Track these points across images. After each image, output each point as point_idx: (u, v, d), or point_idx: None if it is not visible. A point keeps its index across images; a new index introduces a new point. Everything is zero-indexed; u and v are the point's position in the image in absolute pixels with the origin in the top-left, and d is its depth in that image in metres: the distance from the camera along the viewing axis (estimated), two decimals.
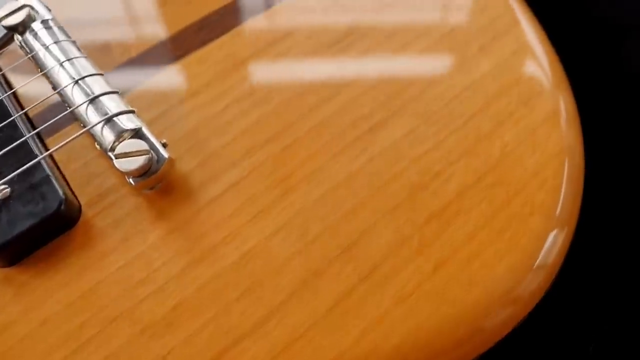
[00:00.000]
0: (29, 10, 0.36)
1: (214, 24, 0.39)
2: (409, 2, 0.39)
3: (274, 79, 0.36)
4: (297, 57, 0.37)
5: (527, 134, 0.34)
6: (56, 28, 0.36)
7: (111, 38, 0.39)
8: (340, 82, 0.36)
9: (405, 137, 0.34)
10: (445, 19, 0.39)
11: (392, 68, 0.36)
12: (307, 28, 0.38)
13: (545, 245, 0.31)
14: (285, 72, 0.36)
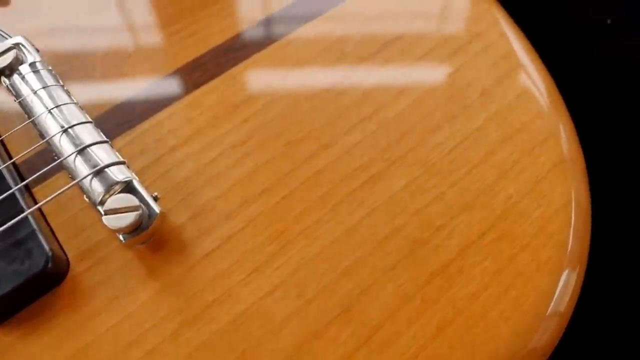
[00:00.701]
0: (17, 53, 0.35)
1: (208, 64, 0.38)
2: (404, 44, 0.38)
3: (269, 125, 0.35)
4: (292, 103, 0.36)
5: (532, 185, 0.33)
6: (45, 71, 0.35)
7: (101, 78, 0.38)
8: (337, 129, 0.35)
9: (406, 189, 0.33)
10: (444, 61, 0.38)
11: (390, 114, 0.36)
12: (302, 71, 0.37)
13: (552, 303, 0.30)
14: (281, 119, 0.35)
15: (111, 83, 0.37)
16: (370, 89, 0.37)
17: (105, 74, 0.38)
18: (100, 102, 0.37)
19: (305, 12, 0.40)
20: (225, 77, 0.37)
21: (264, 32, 0.39)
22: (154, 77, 0.38)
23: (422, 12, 0.40)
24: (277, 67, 0.37)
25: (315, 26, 0.39)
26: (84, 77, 0.38)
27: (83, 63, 0.38)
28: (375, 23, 0.39)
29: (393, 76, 0.37)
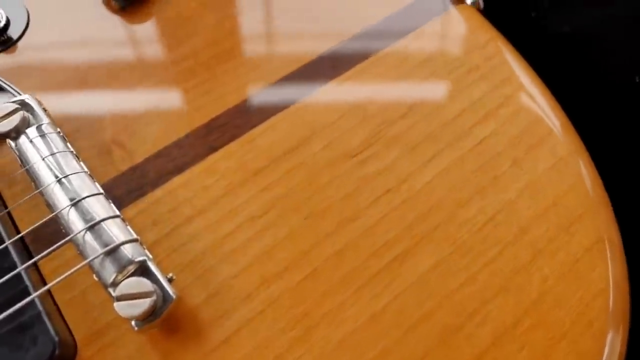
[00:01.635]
0: (24, 114, 0.34)
1: (225, 126, 0.36)
2: (429, 109, 0.37)
3: (289, 195, 0.34)
4: (313, 171, 0.34)
5: (569, 266, 0.32)
6: (54, 135, 0.33)
7: (112, 139, 0.36)
8: (361, 201, 0.33)
9: (434, 270, 0.32)
10: (473, 127, 0.36)
11: (416, 186, 0.34)
12: (323, 136, 0.36)
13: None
14: (302, 188, 0.34)
15: (122, 145, 0.36)
16: (395, 157, 0.35)
17: (115, 134, 0.36)
18: (111, 165, 0.35)
19: (327, 70, 0.38)
20: (243, 140, 0.36)
21: (283, 91, 0.37)
22: (167, 140, 0.36)
23: (447, 74, 0.38)
24: (298, 131, 0.36)
25: (336, 87, 0.38)
26: (93, 137, 0.36)
27: (92, 122, 0.37)
28: (399, 85, 0.38)
29: (418, 143, 0.36)
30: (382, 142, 0.36)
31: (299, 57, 0.39)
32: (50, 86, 0.38)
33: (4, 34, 0.40)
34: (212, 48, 0.39)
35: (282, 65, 0.38)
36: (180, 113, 0.37)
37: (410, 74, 0.38)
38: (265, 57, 0.39)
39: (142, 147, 0.36)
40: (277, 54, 0.39)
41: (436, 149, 0.36)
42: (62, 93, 0.38)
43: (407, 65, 0.39)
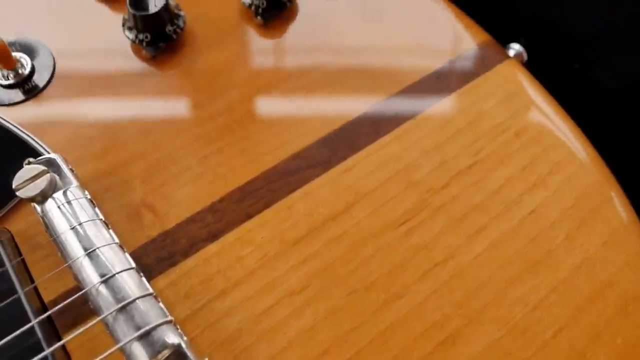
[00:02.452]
0: (50, 177, 0.32)
1: (260, 191, 0.34)
2: (476, 176, 0.35)
3: (330, 269, 0.32)
4: (356, 242, 0.32)
5: (628, 350, 0.30)
6: (83, 200, 0.31)
7: (141, 203, 0.34)
8: (407, 276, 0.32)
9: (486, 354, 0.30)
10: (522, 196, 0.34)
11: (465, 260, 0.32)
12: (367, 203, 0.34)
13: None
14: (344, 261, 0.32)
15: (152, 208, 0.34)
16: (441, 228, 0.33)
17: (146, 196, 0.34)
18: (141, 230, 0.33)
19: (368, 131, 0.36)
20: (280, 206, 0.34)
21: (323, 153, 0.36)
22: (200, 204, 0.34)
23: (493, 138, 0.36)
24: (338, 197, 0.34)
25: (378, 150, 0.36)
26: (123, 198, 0.34)
27: (122, 182, 0.35)
28: (443, 150, 0.36)
29: (466, 213, 0.34)
30: (428, 211, 0.34)
31: (338, 116, 0.37)
32: (77, 141, 0.37)
33: (29, 82, 0.39)
34: (247, 104, 0.38)
35: (320, 125, 0.37)
36: (215, 174, 0.35)
37: (454, 137, 0.37)
38: (303, 116, 0.37)
39: (173, 211, 0.34)
40: (316, 112, 0.37)
41: (484, 220, 0.34)
42: (90, 148, 0.36)
43: (451, 127, 0.37)
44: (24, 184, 0.33)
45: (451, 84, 0.39)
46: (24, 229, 0.34)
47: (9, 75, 0.39)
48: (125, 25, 0.39)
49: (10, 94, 0.39)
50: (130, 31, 0.39)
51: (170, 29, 0.39)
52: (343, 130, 0.37)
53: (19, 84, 0.39)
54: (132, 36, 0.39)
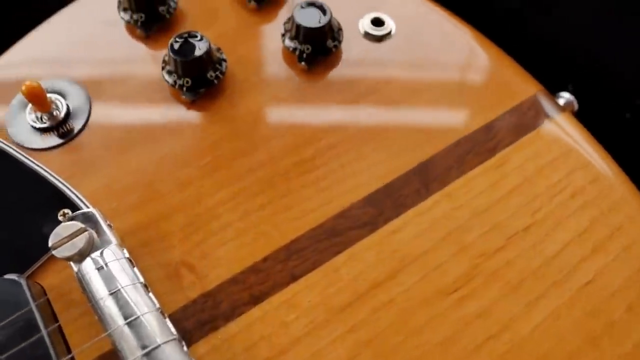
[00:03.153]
0: (89, 236, 0.30)
1: (305, 251, 0.33)
2: (533, 239, 0.33)
3: (379, 339, 0.30)
4: (405, 310, 0.31)
5: None
6: (123, 261, 0.30)
7: (181, 263, 0.32)
8: (460, 349, 0.32)
9: None
10: (581, 262, 0.32)
11: (521, 332, 0.31)
12: (417, 266, 0.32)
13: None
14: (394, 331, 0.30)
15: (192, 267, 0.32)
16: (495, 297, 0.32)
17: (185, 254, 0.32)
18: (180, 291, 0.33)
19: (417, 188, 0.35)
20: (326, 269, 0.32)
21: (369, 212, 0.34)
22: (243, 263, 0.33)
23: (548, 199, 0.35)
24: (386, 261, 0.32)
25: (428, 209, 0.34)
26: (161, 255, 0.33)
27: (160, 238, 0.35)
28: (496, 210, 0.34)
29: (521, 281, 0.32)
30: (481, 278, 0.32)
31: (385, 172, 0.35)
32: (113, 190, 0.35)
33: (64, 126, 0.37)
34: (291, 156, 0.36)
35: (367, 182, 0.35)
36: (257, 231, 0.34)
37: (507, 196, 0.35)
38: (348, 171, 0.35)
39: (214, 270, 0.33)
40: (361, 167, 0.36)
41: (541, 289, 0.32)
42: (126, 199, 0.34)
43: (504, 186, 0.35)
44: (61, 242, 0.31)
45: (503, 138, 0.37)
46: (57, 283, 0.33)
47: (42, 117, 0.38)
48: (164, 68, 0.38)
49: (44, 138, 0.37)
50: (169, 75, 0.38)
51: (212, 74, 0.37)
52: (390, 187, 0.35)
53: (53, 127, 0.38)
54: (171, 80, 0.37)
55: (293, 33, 0.39)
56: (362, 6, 0.42)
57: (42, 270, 0.33)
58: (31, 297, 0.31)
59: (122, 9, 0.41)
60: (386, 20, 0.41)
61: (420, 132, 0.37)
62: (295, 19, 0.38)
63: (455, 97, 0.38)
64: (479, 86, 0.39)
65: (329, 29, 0.38)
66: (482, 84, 0.39)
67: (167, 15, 0.41)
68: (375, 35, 0.41)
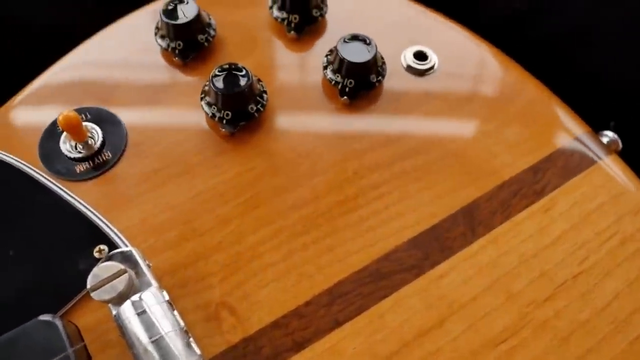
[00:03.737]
0: (129, 278, 0.29)
1: (349, 295, 0.32)
2: (582, 291, 0.33)
3: None
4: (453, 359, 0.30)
5: None
6: (164, 305, 0.29)
7: (221, 305, 0.31)
8: None
9: None
10: (634, 315, 0.31)
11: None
12: (464, 315, 0.31)
13: None
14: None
15: (232, 310, 0.31)
16: (545, 349, 0.32)
17: (225, 296, 0.31)
18: (220, 335, 0.32)
19: (463, 231, 0.34)
20: (370, 314, 0.32)
21: (415, 255, 0.33)
22: (285, 307, 0.32)
23: (598, 245, 0.34)
24: (431, 309, 0.32)
25: (474, 254, 0.33)
26: (200, 296, 0.32)
27: (199, 278, 0.34)
28: (544, 257, 0.33)
29: (571, 333, 0.31)
30: (530, 328, 0.31)
31: (430, 213, 0.35)
32: (149, 226, 0.34)
33: (99, 156, 0.36)
34: (334, 194, 0.35)
35: (412, 222, 0.34)
36: (300, 273, 0.33)
37: (555, 243, 0.34)
38: (394, 211, 0.34)
39: (255, 314, 0.32)
40: (406, 207, 0.35)
41: (591, 342, 0.31)
42: (164, 236, 0.33)
43: (551, 232, 0.34)
44: (99, 284, 0.30)
45: (550, 181, 0.36)
46: (92, 323, 0.32)
47: (77, 146, 0.37)
48: (204, 99, 0.37)
49: (78, 168, 0.36)
50: (209, 106, 0.37)
51: (253, 107, 0.36)
52: (435, 229, 0.34)
53: (88, 157, 0.37)
54: (211, 112, 0.36)
55: (336, 66, 0.38)
56: (404, 39, 0.41)
57: (76, 308, 0.32)
58: (68, 342, 0.30)
59: (160, 36, 0.40)
60: (429, 54, 0.40)
61: (465, 172, 0.36)
62: (340, 52, 0.37)
63: (499, 137, 0.37)
64: (525, 126, 0.38)
65: (374, 64, 0.37)
66: (528, 123, 0.38)
67: (205, 43, 0.40)
68: (418, 69, 0.40)
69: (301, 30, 0.41)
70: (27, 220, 0.34)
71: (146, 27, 0.41)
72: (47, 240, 0.34)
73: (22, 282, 0.32)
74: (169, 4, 0.39)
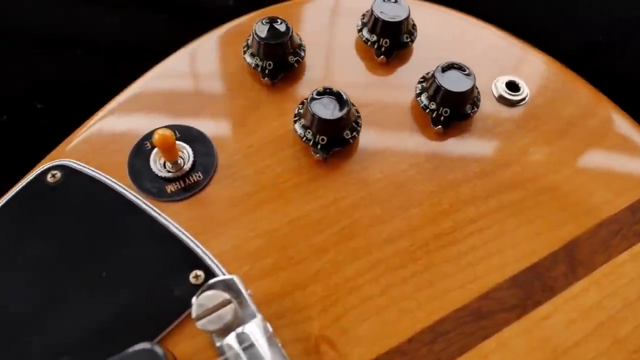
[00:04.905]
0: (236, 308, 0.28)
1: (451, 334, 0.31)
2: None
3: None
4: None
5: None
6: (271, 337, 0.28)
7: (320, 338, 0.31)
8: None
9: None
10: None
11: None
12: (570, 359, 0.30)
13: None
14: None
15: (331, 344, 0.30)
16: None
17: (324, 329, 0.31)
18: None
19: (565, 269, 0.33)
20: (473, 355, 0.31)
21: (516, 295, 0.32)
22: (386, 344, 0.32)
23: None
24: (535, 350, 0.31)
25: (577, 294, 0.33)
26: (298, 328, 0.31)
27: (298, 308, 0.33)
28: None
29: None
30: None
31: (530, 251, 0.34)
32: (243, 253, 0.33)
33: (191, 176, 0.35)
34: (431, 227, 0.34)
35: (512, 260, 0.34)
36: (400, 309, 0.32)
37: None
38: (493, 247, 0.34)
39: (355, 350, 0.31)
40: (505, 243, 0.34)
41: None
42: (259, 264, 0.33)
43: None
44: (205, 314, 0.29)
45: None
46: (190, 352, 0.31)
47: (165, 164, 0.36)
48: (298, 121, 0.36)
49: (169, 188, 0.35)
50: (303, 129, 0.36)
51: (348, 133, 0.35)
52: (536, 268, 0.33)
53: (179, 177, 0.36)
54: (305, 136, 0.35)
55: (431, 93, 0.37)
56: (495, 68, 0.40)
57: (171, 335, 0.31)
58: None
59: (250, 54, 0.39)
60: (521, 85, 0.39)
61: (561, 208, 0.35)
62: (438, 80, 0.36)
63: (595, 173, 0.37)
64: (621, 162, 0.37)
65: (471, 94, 0.36)
66: (625, 160, 0.37)
67: (295, 64, 0.39)
68: (511, 99, 0.39)
69: (390, 54, 0.40)
70: (120, 241, 0.34)
71: (232, 44, 0.41)
72: (141, 263, 0.33)
73: (114, 305, 0.32)
74: (263, 22, 0.38)
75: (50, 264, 0.33)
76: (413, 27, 0.41)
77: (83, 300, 0.32)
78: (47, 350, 0.30)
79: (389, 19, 0.39)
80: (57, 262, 0.33)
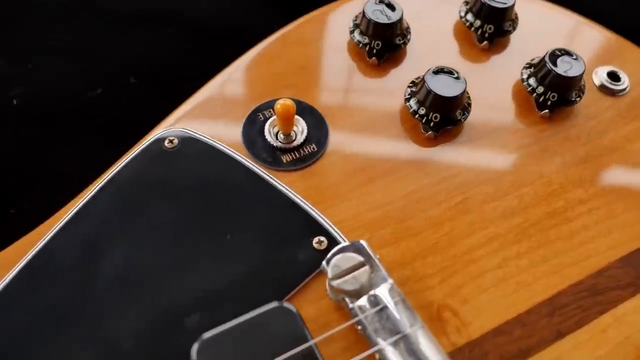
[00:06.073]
0: (370, 271, 0.29)
1: (569, 307, 0.32)
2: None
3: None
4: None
5: None
6: (403, 302, 0.29)
7: (443, 306, 0.31)
8: None
9: None
10: None
11: None
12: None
13: None
14: None
15: (454, 312, 0.31)
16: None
17: (446, 298, 0.31)
18: (445, 336, 0.32)
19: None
20: (592, 328, 0.32)
21: (629, 273, 0.33)
22: (505, 314, 0.32)
23: None
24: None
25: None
26: (422, 295, 0.32)
27: (420, 276, 0.34)
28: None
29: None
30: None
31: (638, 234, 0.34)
32: (361, 223, 0.34)
33: (305, 148, 0.36)
34: (543, 205, 0.35)
35: (622, 241, 0.35)
36: (517, 282, 0.33)
37: None
38: (603, 228, 0.35)
39: (477, 319, 0.32)
40: (615, 225, 0.36)
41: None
42: (378, 234, 0.34)
43: None
44: (340, 274, 0.30)
45: None
46: (314, 315, 0.32)
47: (278, 135, 0.37)
48: (412, 98, 0.37)
49: (285, 158, 0.36)
50: (418, 106, 0.37)
51: (460, 113, 0.36)
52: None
53: (294, 148, 0.37)
54: (418, 112, 0.36)
55: (539, 77, 0.38)
56: (593, 61, 0.41)
57: (296, 298, 0.32)
58: (308, 332, 0.30)
59: (359, 32, 0.40)
60: (622, 76, 0.40)
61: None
62: (548, 65, 0.37)
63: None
64: None
65: (578, 80, 0.38)
66: None
67: (402, 46, 0.40)
68: (613, 89, 0.40)
69: (492, 41, 0.41)
70: (241, 206, 0.34)
71: (341, 22, 0.42)
72: (263, 228, 0.34)
73: (238, 267, 0.32)
74: (375, 2, 0.39)
75: (176, 226, 0.33)
76: (515, 17, 0.42)
77: (209, 262, 0.33)
78: (176, 310, 0.31)
79: (496, 4, 0.40)
80: (183, 223, 0.34)
